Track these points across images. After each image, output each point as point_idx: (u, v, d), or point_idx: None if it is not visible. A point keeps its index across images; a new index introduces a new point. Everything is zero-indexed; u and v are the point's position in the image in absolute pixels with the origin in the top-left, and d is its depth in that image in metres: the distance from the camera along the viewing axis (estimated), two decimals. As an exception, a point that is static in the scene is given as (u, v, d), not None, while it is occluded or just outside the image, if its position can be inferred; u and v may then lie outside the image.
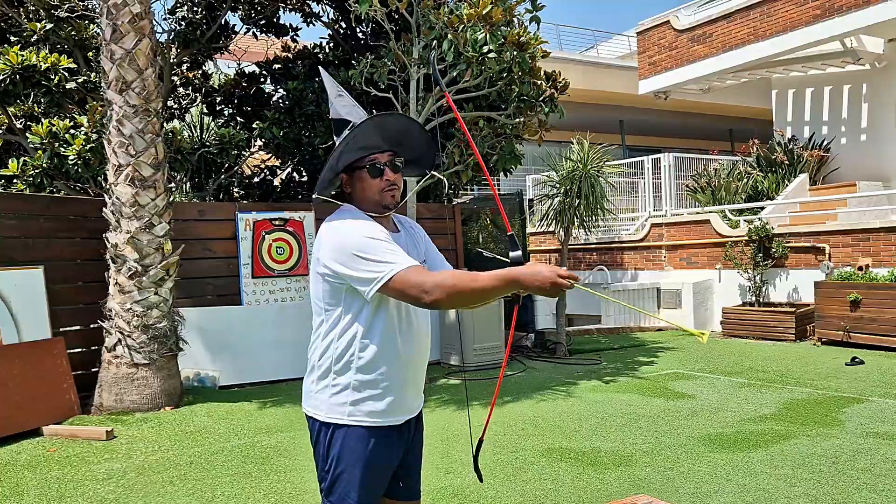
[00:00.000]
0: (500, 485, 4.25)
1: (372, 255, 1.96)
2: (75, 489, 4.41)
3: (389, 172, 2.13)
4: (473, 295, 1.91)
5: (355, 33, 9.80)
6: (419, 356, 2.19)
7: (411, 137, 2.19)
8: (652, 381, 7.27)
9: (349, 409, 2.09)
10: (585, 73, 15.95)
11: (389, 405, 2.11)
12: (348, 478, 2.08)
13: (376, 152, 2.11)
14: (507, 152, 8.14)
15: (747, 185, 12.31)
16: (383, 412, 2.11)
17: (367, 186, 2.12)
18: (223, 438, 5.53)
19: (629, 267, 12.42)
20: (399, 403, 2.14)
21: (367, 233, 2.01)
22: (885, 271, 9.00)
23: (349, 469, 2.09)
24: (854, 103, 12.99)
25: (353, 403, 2.09)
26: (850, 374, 7.26)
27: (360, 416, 2.09)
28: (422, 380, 2.26)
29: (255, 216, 8.02)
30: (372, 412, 2.09)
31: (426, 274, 1.95)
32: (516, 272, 1.87)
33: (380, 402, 2.09)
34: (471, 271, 1.95)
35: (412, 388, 2.19)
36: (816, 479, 4.16)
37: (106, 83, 6.58)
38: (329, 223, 2.09)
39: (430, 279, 1.92)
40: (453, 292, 1.90)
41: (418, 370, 2.21)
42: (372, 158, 2.11)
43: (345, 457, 2.09)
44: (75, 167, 7.48)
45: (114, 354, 6.51)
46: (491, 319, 8.58)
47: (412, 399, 2.20)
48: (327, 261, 2.04)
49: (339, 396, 2.10)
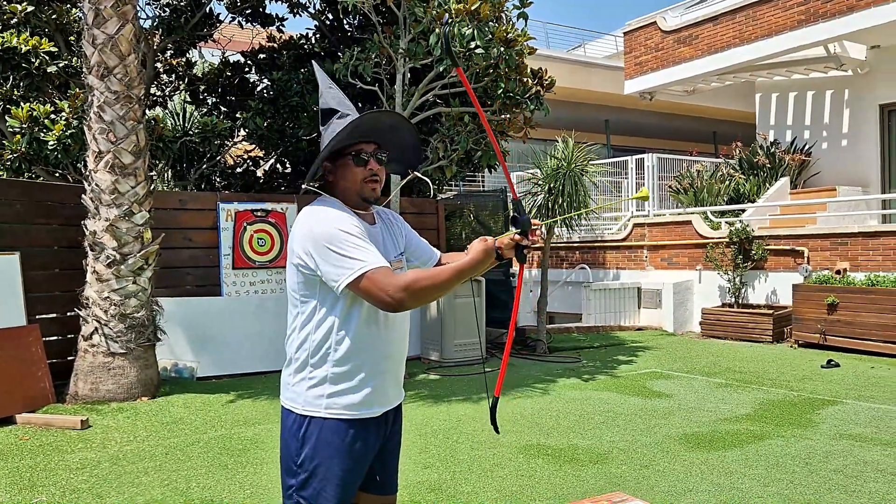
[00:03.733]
0: (477, 480, 4.25)
1: (341, 250, 1.95)
2: (48, 478, 4.36)
3: (373, 163, 2.13)
4: (436, 291, 1.97)
5: (342, 25, 9.74)
6: (398, 348, 2.18)
7: (399, 135, 2.22)
8: (630, 380, 7.31)
9: (326, 401, 2.07)
10: (572, 71, 15.97)
11: (367, 397, 2.10)
12: (324, 472, 2.06)
13: (363, 142, 2.13)
14: (492, 148, 8.13)
15: (729, 188, 12.41)
16: (360, 404, 2.09)
17: (350, 175, 2.12)
18: (200, 430, 5.49)
19: (611, 266, 12.48)
20: (377, 395, 2.12)
21: (339, 225, 1.99)
22: (861, 275, 9.11)
23: (325, 463, 2.07)
24: (836, 109, 13.13)
25: (330, 396, 2.07)
26: (825, 377, 7.35)
27: (337, 408, 2.07)
28: (401, 372, 2.25)
29: (237, 207, 7.96)
30: (349, 405, 2.08)
31: (391, 276, 1.93)
32: (472, 261, 2.01)
33: (357, 394, 2.08)
34: (423, 272, 1.98)
35: (391, 380, 2.18)
36: (790, 479, 4.20)
37: (87, 68, 6.49)
38: (304, 212, 2.08)
39: (394, 283, 1.91)
40: (416, 291, 1.92)
41: (397, 362, 2.20)
42: (358, 147, 2.12)
43: (321, 450, 2.07)
44: (55, 153, 7.37)
45: (90, 343, 6.43)
46: (471, 316, 8.59)
47: (391, 391, 2.19)
48: (299, 250, 2.04)
49: (315, 389, 2.08)
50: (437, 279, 1.95)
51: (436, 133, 8.14)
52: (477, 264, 2.01)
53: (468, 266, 2.00)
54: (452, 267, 1.99)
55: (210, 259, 7.89)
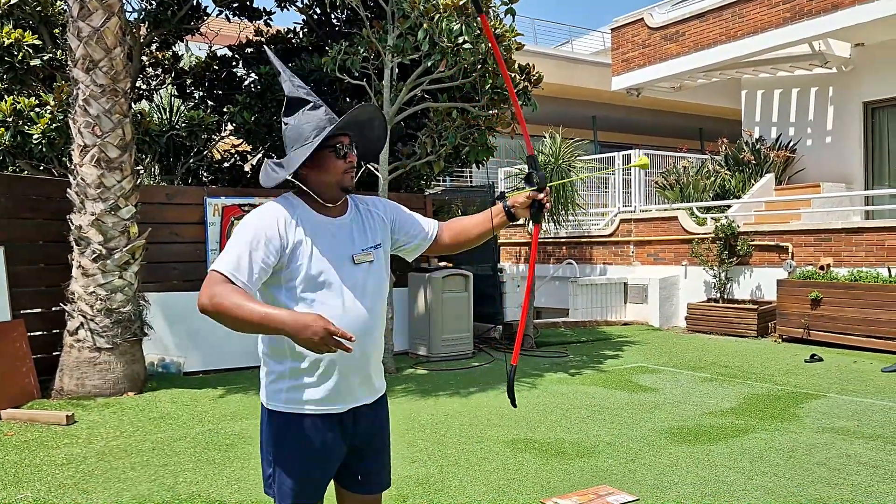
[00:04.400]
0: (465, 474, 4.27)
1: (228, 244, 2.02)
2: (33, 474, 4.34)
3: (352, 155, 2.15)
4: (232, 321, 1.88)
5: (329, 19, 9.70)
6: (364, 342, 2.11)
7: (372, 128, 2.23)
8: (616, 375, 7.36)
9: (285, 395, 2.09)
10: (559, 67, 16.00)
11: (329, 393, 2.08)
12: (286, 467, 2.09)
13: (340, 134, 2.13)
14: (480, 144, 8.15)
15: (715, 184, 12.48)
16: (322, 400, 2.08)
17: (331, 167, 2.11)
18: (186, 425, 5.48)
19: (598, 261, 12.54)
20: (340, 391, 2.10)
21: (250, 222, 2.03)
22: (845, 271, 9.20)
23: (286, 457, 2.09)
24: (820, 106, 13.24)
25: (290, 391, 2.08)
26: (808, 371, 7.43)
27: (297, 404, 2.08)
28: (373, 366, 2.19)
29: (224, 201, 7.93)
30: (309, 400, 2.08)
31: (217, 284, 1.91)
32: (282, 319, 1.82)
33: (317, 388, 2.08)
34: (242, 300, 1.87)
35: (357, 376, 2.13)
36: (773, 472, 4.25)
37: (72, 61, 6.44)
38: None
39: (211, 289, 1.90)
40: (216, 305, 1.87)
41: (364, 356, 2.13)
42: (338, 140, 2.12)
43: (282, 444, 2.10)
44: (39, 146, 7.30)
45: (76, 338, 6.39)
46: (460, 311, 8.61)
47: (357, 386, 2.14)
48: None
49: (277, 384, 2.10)
50: (235, 312, 1.85)
51: (424, 128, 8.14)
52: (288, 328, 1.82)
53: (275, 321, 1.83)
54: (259, 311, 1.85)
55: (197, 254, 7.85)
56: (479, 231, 2.37)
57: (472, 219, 2.39)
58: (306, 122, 2.10)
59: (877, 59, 12.20)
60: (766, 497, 3.85)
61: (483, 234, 2.37)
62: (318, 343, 1.80)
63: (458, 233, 2.39)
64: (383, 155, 7.65)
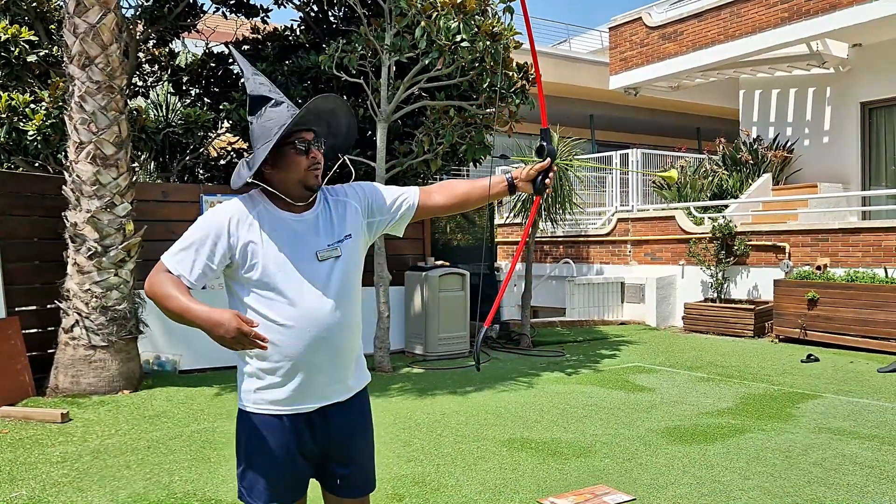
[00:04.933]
0: (461, 473, 4.26)
1: (181, 238, 2.07)
2: (27, 472, 4.32)
3: (315, 151, 2.07)
4: (162, 309, 1.97)
5: (327, 17, 9.67)
6: (327, 339, 2.05)
7: (337, 120, 2.16)
8: (613, 374, 7.35)
9: (253, 396, 2.08)
10: (557, 66, 15.99)
11: (294, 392, 2.05)
12: (253, 466, 2.07)
13: (302, 130, 2.06)
14: (477, 142, 8.12)
15: (712, 184, 12.49)
16: (286, 399, 2.06)
17: (293, 165, 2.04)
18: (182, 423, 5.46)
19: (595, 261, 12.53)
20: (306, 390, 2.06)
21: (202, 221, 2.10)
22: (841, 271, 9.21)
23: (252, 457, 2.08)
24: (818, 106, 13.25)
25: (256, 391, 2.07)
26: (805, 371, 7.43)
27: (264, 403, 2.07)
28: (341, 365, 2.12)
29: (220, 199, 7.90)
30: (274, 400, 2.06)
31: (161, 272, 2.02)
32: (198, 314, 1.87)
33: (281, 388, 2.05)
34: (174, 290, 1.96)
35: (324, 374, 2.08)
36: (770, 472, 4.25)
37: (68, 58, 6.40)
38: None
39: (154, 276, 2.01)
40: (152, 295, 1.99)
41: (329, 354, 2.07)
42: (298, 136, 2.05)
43: (248, 444, 2.09)
44: (34, 143, 7.27)
45: (71, 336, 6.37)
46: (456, 310, 8.59)
47: (325, 385, 2.09)
48: None
49: (245, 384, 2.10)
50: (164, 302, 1.95)
51: (421, 126, 8.12)
52: (203, 324, 1.87)
53: (192, 314, 1.89)
54: (182, 303, 1.92)
55: (193, 251, 7.81)
56: (477, 197, 2.31)
57: (472, 185, 2.31)
58: (268, 119, 2.05)
59: (874, 60, 12.22)
60: (762, 497, 3.85)
61: (480, 201, 2.33)
62: (231, 342, 1.83)
63: (456, 196, 2.30)
64: (380, 153, 7.64)
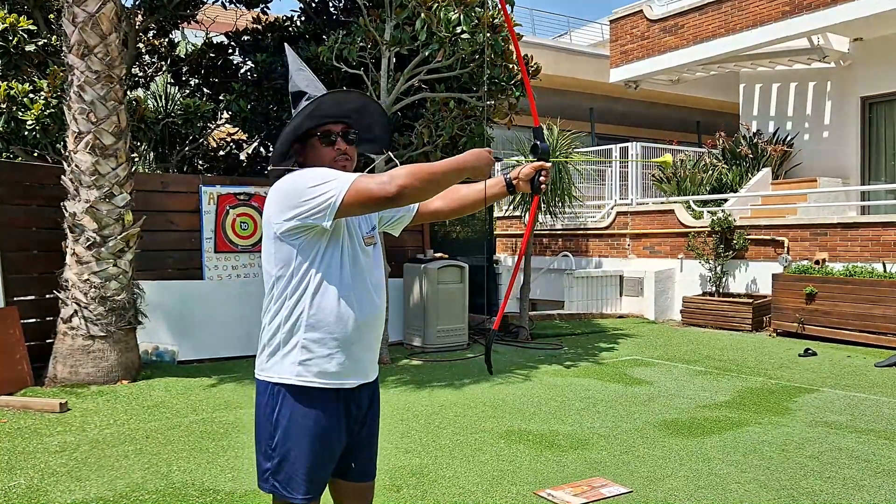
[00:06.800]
0: (459, 465, 4.27)
1: (321, 182, 1.95)
2: (26, 461, 4.33)
3: (341, 142, 2.12)
4: (432, 177, 1.93)
5: (327, 7, 9.64)
6: (373, 318, 2.13)
7: (367, 115, 2.20)
8: (611, 367, 7.37)
9: (298, 368, 2.05)
10: (557, 58, 15.94)
11: (341, 366, 2.07)
12: (295, 447, 2.03)
13: (330, 122, 2.11)
14: (477, 134, 8.11)
15: (712, 177, 12.48)
16: (334, 374, 2.06)
17: (319, 155, 2.11)
18: (181, 413, 5.47)
19: (594, 254, 12.54)
20: (351, 365, 2.09)
21: (315, 171, 2.02)
22: (840, 266, 9.22)
23: (296, 440, 2.03)
24: (818, 100, 13.23)
25: (302, 363, 2.05)
26: (802, 365, 7.45)
27: (310, 376, 2.05)
28: (376, 345, 2.20)
29: (220, 190, 7.89)
30: (321, 372, 2.05)
31: (379, 174, 1.93)
32: (462, 157, 2.01)
33: (330, 361, 2.05)
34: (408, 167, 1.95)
35: (366, 352, 2.14)
36: (766, 465, 4.27)
37: (67, 47, 6.38)
38: (276, 183, 2.08)
39: (386, 174, 1.91)
40: (412, 176, 1.90)
41: (372, 333, 2.15)
42: (325, 128, 2.11)
43: (292, 423, 2.04)
44: (33, 132, 7.25)
45: (69, 326, 6.37)
46: (455, 303, 8.60)
47: (367, 363, 2.15)
48: (278, 215, 2.01)
49: (288, 357, 2.06)
50: (433, 170, 1.94)
51: (421, 118, 8.10)
52: (471, 158, 2.01)
53: (461, 161, 2.00)
54: (442, 162, 1.98)
55: (192, 242, 7.82)
56: (476, 200, 2.32)
57: (470, 188, 2.34)
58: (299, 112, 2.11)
59: (875, 55, 12.19)
60: (758, 490, 3.87)
61: (478, 204, 2.33)
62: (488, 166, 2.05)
63: (455, 200, 2.33)
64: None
